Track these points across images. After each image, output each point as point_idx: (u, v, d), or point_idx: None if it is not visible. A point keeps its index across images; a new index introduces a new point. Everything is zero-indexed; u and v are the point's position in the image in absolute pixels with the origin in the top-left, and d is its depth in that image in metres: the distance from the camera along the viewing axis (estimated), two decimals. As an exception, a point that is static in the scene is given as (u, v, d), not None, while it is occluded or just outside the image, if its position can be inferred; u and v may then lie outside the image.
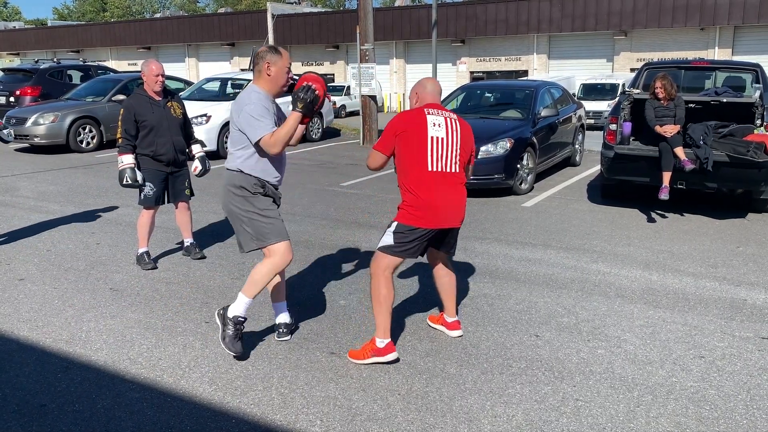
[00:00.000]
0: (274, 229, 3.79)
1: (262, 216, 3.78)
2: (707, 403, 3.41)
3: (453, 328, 4.27)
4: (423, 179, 3.75)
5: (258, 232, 3.78)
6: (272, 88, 3.79)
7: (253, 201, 3.78)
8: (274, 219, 3.81)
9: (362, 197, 8.79)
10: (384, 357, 3.82)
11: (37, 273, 5.52)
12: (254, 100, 3.68)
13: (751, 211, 7.88)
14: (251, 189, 3.77)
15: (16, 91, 15.85)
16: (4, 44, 42.95)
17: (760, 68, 8.80)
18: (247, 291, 3.80)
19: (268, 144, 3.64)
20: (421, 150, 3.75)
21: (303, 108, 3.65)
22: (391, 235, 3.83)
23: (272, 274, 3.81)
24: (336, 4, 61.48)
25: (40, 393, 3.50)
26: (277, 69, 3.74)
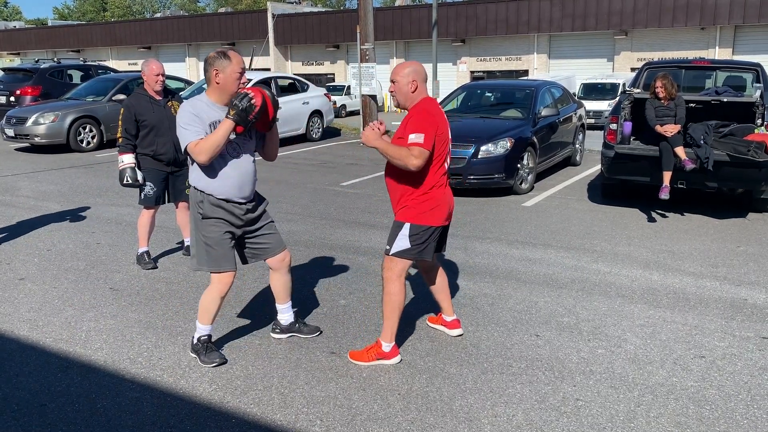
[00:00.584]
0: (212, 258, 3.73)
1: (203, 243, 3.72)
2: (708, 403, 3.41)
3: (453, 326, 4.27)
4: (439, 177, 3.74)
5: (199, 256, 3.77)
6: (220, 97, 3.62)
7: (199, 224, 3.71)
8: (216, 248, 3.71)
9: (362, 197, 8.79)
10: (389, 360, 3.83)
11: (37, 272, 5.52)
12: (185, 109, 3.57)
13: (752, 211, 7.88)
14: (198, 210, 3.68)
15: (17, 91, 15.86)
16: (5, 44, 42.96)
17: (761, 68, 8.80)
18: (200, 318, 3.84)
19: (193, 152, 3.50)
20: (446, 148, 3.73)
21: (234, 115, 3.46)
22: (407, 238, 3.72)
23: (217, 300, 3.80)
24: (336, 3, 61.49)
25: (40, 392, 3.50)
26: (225, 76, 3.56)
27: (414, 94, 3.71)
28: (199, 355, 3.87)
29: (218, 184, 3.66)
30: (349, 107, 25.54)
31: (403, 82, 3.69)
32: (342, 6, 60.37)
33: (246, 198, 3.78)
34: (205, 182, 3.67)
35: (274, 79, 14.52)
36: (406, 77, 3.69)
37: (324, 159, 12.51)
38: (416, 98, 3.72)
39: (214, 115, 3.60)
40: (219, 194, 3.67)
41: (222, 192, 3.67)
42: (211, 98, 3.65)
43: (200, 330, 3.87)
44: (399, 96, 3.74)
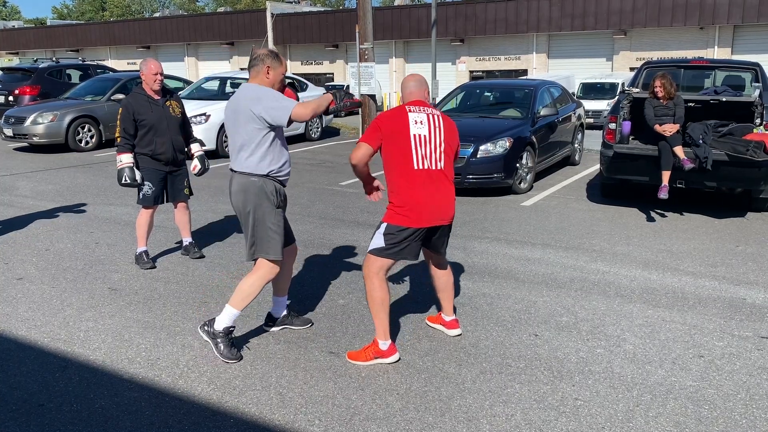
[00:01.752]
0: (277, 246, 3.81)
1: (273, 231, 3.79)
2: (706, 403, 3.41)
3: (451, 327, 4.26)
4: (409, 178, 3.73)
5: (265, 244, 3.80)
6: None
7: (270, 213, 3.79)
8: (281, 236, 3.84)
9: (361, 196, 8.79)
10: (387, 359, 3.82)
11: (35, 272, 5.51)
12: (267, 90, 3.72)
13: (751, 210, 7.88)
14: (271, 199, 3.78)
15: (15, 91, 15.85)
16: (4, 43, 42.92)
17: (760, 67, 8.80)
18: (236, 303, 3.82)
19: (299, 114, 3.64)
20: (406, 149, 3.72)
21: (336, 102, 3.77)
22: (381, 236, 3.77)
23: (262, 287, 3.86)
24: (335, 3, 61.47)
25: (38, 392, 3.49)
26: (275, 75, 3.80)
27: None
28: (218, 345, 3.82)
29: (283, 163, 3.85)
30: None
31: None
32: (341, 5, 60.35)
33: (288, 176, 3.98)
34: (277, 167, 3.80)
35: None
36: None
37: (323, 158, 12.50)
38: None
39: None
40: (284, 174, 3.88)
41: (286, 172, 3.89)
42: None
43: (230, 316, 3.81)
44: None
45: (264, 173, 3.76)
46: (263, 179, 3.76)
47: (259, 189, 3.76)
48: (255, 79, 3.81)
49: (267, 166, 3.76)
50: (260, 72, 3.79)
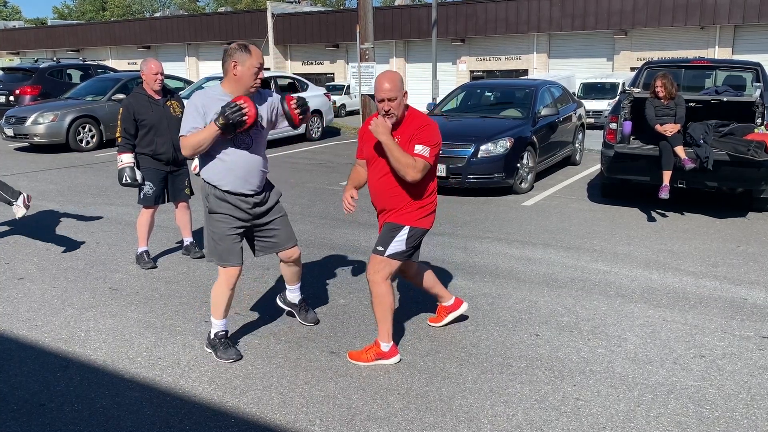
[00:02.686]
0: (218, 252, 3.77)
1: (210, 237, 3.79)
2: (708, 403, 3.40)
3: (458, 305, 4.33)
4: (434, 182, 3.86)
5: (209, 248, 3.84)
6: (236, 89, 3.60)
7: (207, 218, 3.80)
8: (221, 242, 3.75)
9: (362, 196, 8.75)
10: (389, 360, 3.83)
11: (36, 272, 5.51)
12: (192, 101, 3.60)
13: (752, 210, 7.88)
14: (205, 204, 3.76)
15: (16, 90, 15.84)
16: (4, 43, 42.92)
17: (761, 67, 8.79)
18: (214, 313, 3.88)
19: (181, 144, 3.59)
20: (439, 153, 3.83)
21: (222, 125, 3.47)
22: (404, 241, 3.73)
23: (226, 293, 3.83)
24: (336, 3, 61.46)
25: (39, 392, 3.49)
26: (244, 69, 3.56)
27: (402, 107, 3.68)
28: (215, 350, 3.88)
29: (223, 176, 3.69)
30: (348, 107, 25.52)
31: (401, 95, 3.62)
32: (341, 5, 60.35)
33: (253, 190, 3.79)
34: (210, 173, 3.71)
35: (273, 78, 14.50)
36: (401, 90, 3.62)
37: (323, 158, 12.50)
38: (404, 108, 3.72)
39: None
40: (224, 186, 3.70)
41: (226, 184, 3.69)
42: (225, 89, 3.65)
43: (216, 325, 3.89)
44: (398, 111, 3.62)
45: (203, 178, 3.76)
46: (204, 183, 3.77)
47: (203, 194, 3.78)
48: (225, 78, 3.64)
49: (204, 172, 3.74)
50: (228, 69, 3.59)
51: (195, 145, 3.55)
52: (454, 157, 8.62)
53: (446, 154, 8.71)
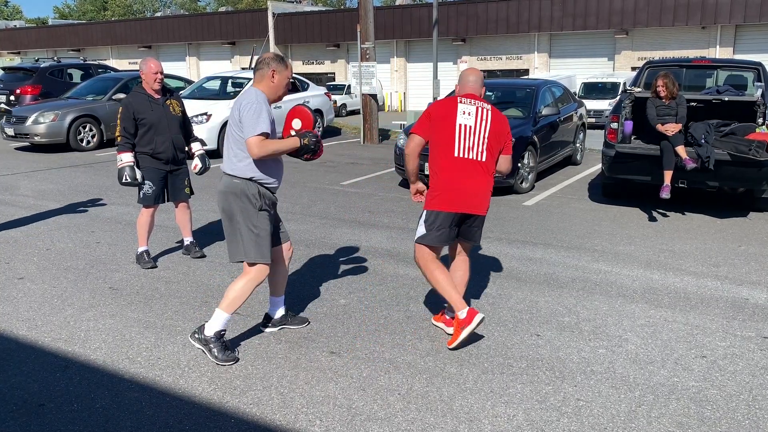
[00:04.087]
0: (260, 249, 3.79)
1: (254, 233, 3.77)
2: (709, 403, 3.39)
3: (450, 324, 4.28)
4: (448, 164, 3.95)
5: (246, 246, 3.79)
6: (271, 95, 3.81)
7: (251, 216, 3.78)
8: (264, 238, 3.81)
9: (362, 196, 8.78)
10: (472, 324, 3.91)
11: (36, 272, 5.51)
12: (259, 100, 3.70)
13: (753, 210, 7.86)
14: (253, 202, 3.76)
15: (17, 90, 15.85)
16: (5, 43, 42.96)
17: (762, 67, 8.77)
18: (227, 307, 3.81)
19: (254, 145, 3.62)
20: (450, 136, 3.94)
21: (303, 145, 3.82)
22: (423, 224, 4.01)
23: (252, 289, 3.84)
24: (337, 2, 61.45)
25: (39, 392, 3.49)
26: (281, 78, 3.79)
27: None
28: (212, 350, 3.81)
29: (273, 173, 3.86)
30: (349, 106, 25.53)
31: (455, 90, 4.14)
32: (342, 5, 60.34)
33: (278, 186, 3.99)
34: (261, 172, 3.78)
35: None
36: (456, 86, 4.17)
37: (324, 158, 12.49)
38: None
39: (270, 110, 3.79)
40: (271, 183, 3.85)
41: (273, 181, 3.87)
42: (265, 93, 3.80)
43: (221, 321, 3.80)
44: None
45: (248, 177, 3.75)
46: (246, 182, 3.76)
47: (242, 191, 3.75)
48: (260, 83, 3.81)
49: (252, 171, 3.75)
50: (265, 76, 3.78)
51: (275, 150, 3.72)
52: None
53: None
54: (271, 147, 3.67)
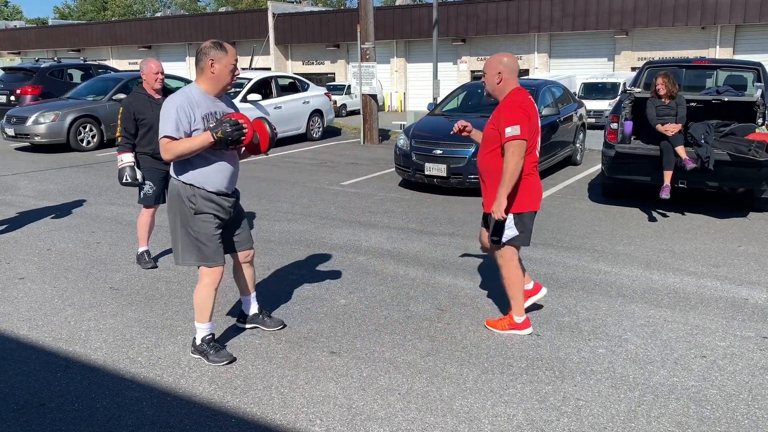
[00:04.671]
0: (201, 252, 3.69)
1: (192, 237, 3.67)
2: (709, 403, 3.40)
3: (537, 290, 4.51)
4: (534, 163, 4.01)
5: (184, 249, 3.72)
6: (214, 87, 3.62)
7: (188, 219, 3.67)
8: (206, 242, 3.68)
9: (363, 196, 8.78)
10: (522, 331, 4.19)
11: (36, 272, 5.51)
12: (176, 100, 3.53)
13: (753, 210, 7.87)
14: (188, 205, 3.64)
15: (17, 90, 15.84)
16: (5, 43, 42.96)
17: (762, 67, 8.78)
18: (199, 318, 3.82)
19: (161, 147, 3.53)
20: (536, 134, 3.99)
21: (219, 139, 3.48)
22: (514, 227, 4.05)
23: (212, 294, 3.79)
24: (337, 3, 61.46)
25: (40, 392, 3.49)
26: (221, 67, 3.56)
27: (500, 86, 3.97)
28: (206, 356, 3.83)
29: (212, 177, 3.66)
30: (349, 107, 25.53)
31: (493, 75, 3.94)
32: (342, 5, 60.35)
33: (232, 190, 3.82)
34: (196, 175, 3.63)
35: (274, 78, 14.50)
36: (493, 68, 3.96)
37: (324, 158, 12.50)
38: (505, 90, 3.97)
39: (207, 106, 3.60)
40: (212, 187, 3.66)
41: (215, 185, 3.67)
42: (204, 88, 3.62)
43: (202, 330, 3.84)
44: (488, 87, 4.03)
45: (183, 180, 3.65)
46: (183, 185, 3.65)
47: (178, 194, 3.66)
48: (200, 77, 3.62)
49: (186, 174, 3.64)
50: (205, 67, 3.57)
51: (183, 152, 3.51)
52: (455, 157, 8.62)
53: (447, 154, 8.72)
54: (179, 149, 3.49)
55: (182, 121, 3.50)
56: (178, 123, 3.50)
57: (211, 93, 3.64)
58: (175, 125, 3.49)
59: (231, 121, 3.49)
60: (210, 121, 3.59)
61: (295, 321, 4.46)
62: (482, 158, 4.11)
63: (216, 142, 3.50)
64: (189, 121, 3.52)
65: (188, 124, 3.52)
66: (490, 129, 3.97)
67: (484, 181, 4.15)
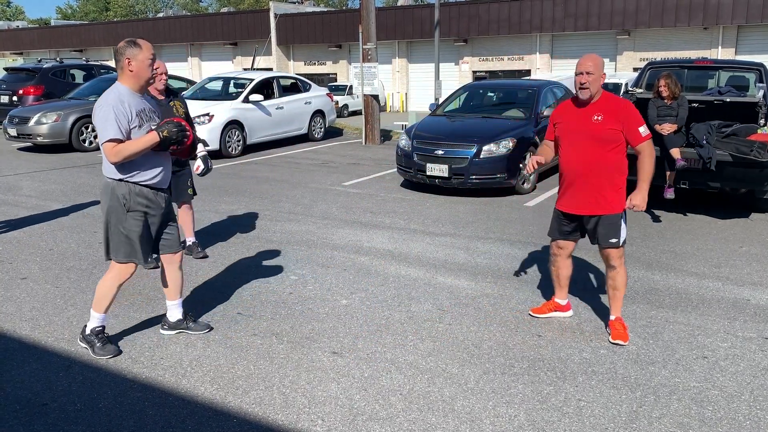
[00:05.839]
0: (128, 250, 3.76)
1: (123, 234, 3.74)
2: (710, 404, 3.40)
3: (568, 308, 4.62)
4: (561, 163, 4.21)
5: (114, 246, 3.78)
6: (136, 84, 3.67)
7: (120, 216, 3.72)
8: (135, 240, 3.75)
9: (364, 197, 8.79)
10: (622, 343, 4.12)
11: (39, 272, 5.52)
12: (108, 101, 3.57)
13: (755, 211, 7.86)
14: (122, 202, 3.69)
15: (19, 91, 15.87)
16: (8, 43, 43.01)
17: (764, 67, 8.76)
18: (96, 306, 3.88)
19: (107, 152, 3.55)
20: None
21: (164, 138, 3.59)
22: (625, 224, 4.11)
23: (116, 288, 3.85)
24: (338, 3, 61.49)
25: (42, 392, 3.50)
26: (138, 64, 3.61)
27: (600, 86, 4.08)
28: (92, 347, 3.89)
29: (146, 171, 3.70)
30: (351, 107, 25.54)
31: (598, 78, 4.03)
32: (344, 6, 60.37)
33: (166, 185, 3.85)
34: (131, 171, 3.67)
35: (276, 78, 14.51)
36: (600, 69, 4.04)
37: (326, 159, 12.50)
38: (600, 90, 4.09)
39: (137, 104, 3.64)
40: (148, 182, 3.71)
41: (151, 179, 3.71)
42: (129, 87, 3.67)
43: (95, 319, 3.89)
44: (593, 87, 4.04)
45: (117, 178, 3.69)
46: (117, 182, 3.70)
47: (112, 191, 3.71)
48: (121, 77, 3.66)
49: (120, 171, 3.67)
50: (123, 67, 3.61)
51: (131, 153, 3.57)
52: (457, 158, 8.63)
53: (449, 154, 8.72)
54: (126, 151, 3.55)
55: (121, 121, 3.55)
56: (118, 124, 3.54)
57: (136, 90, 3.70)
58: (117, 127, 3.53)
59: (174, 123, 3.62)
60: (143, 119, 3.66)
61: (297, 321, 4.47)
62: (596, 157, 4.00)
63: (161, 141, 3.58)
64: (127, 119, 3.57)
65: (127, 122, 3.58)
66: (607, 130, 3.98)
67: (586, 182, 4.05)
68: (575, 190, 4.10)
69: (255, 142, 13.26)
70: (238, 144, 12.71)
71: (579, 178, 4.07)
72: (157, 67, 5.33)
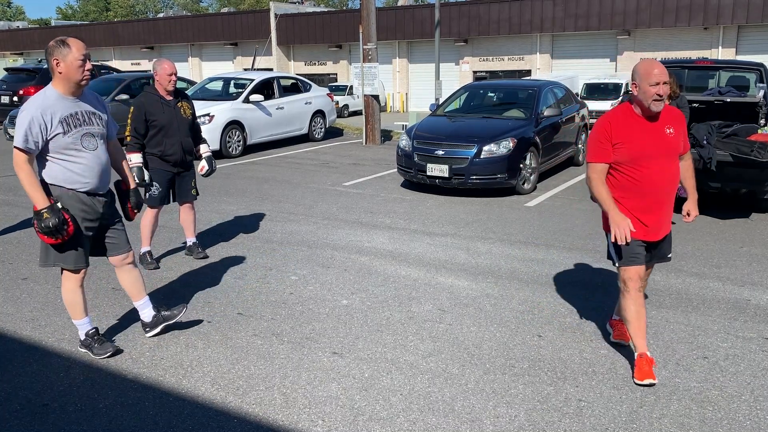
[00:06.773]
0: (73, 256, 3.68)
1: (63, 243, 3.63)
2: (710, 404, 3.40)
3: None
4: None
5: (46, 251, 3.69)
6: (67, 86, 3.52)
7: None
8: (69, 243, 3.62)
9: (365, 197, 8.79)
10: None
11: (39, 272, 5.53)
12: (30, 108, 3.43)
13: (755, 211, 7.86)
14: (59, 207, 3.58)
15: (20, 91, 15.88)
16: (8, 44, 43.04)
17: (764, 68, 8.76)
18: (74, 316, 3.90)
19: (15, 158, 3.44)
20: None
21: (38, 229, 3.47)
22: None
23: (77, 291, 3.81)
24: (339, 3, 61.49)
25: (43, 392, 3.50)
26: (67, 64, 3.44)
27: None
28: (90, 349, 3.91)
29: (80, 177, 3.60)
30: (351, 107, 25.56)
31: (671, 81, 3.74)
32: (344, 6, 60.38)
33: (105, 190, 3.78)
34: (65, 175, 3.57)
35: (276, 79, 14.51)
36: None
37: (326, 159, 12.50)
38: None
39: (65, 109, 3.50)
40: (82, 187, 3.62)
41: (85, 185, 3.62)
42: (60, 90, 3.54)
43: (82, 326, 3.92)
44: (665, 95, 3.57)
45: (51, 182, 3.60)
46: (51, 186, 3.60)
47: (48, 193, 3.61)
48: (54, 79, 3.52)
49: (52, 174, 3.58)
50: (53, 68, 3.46)
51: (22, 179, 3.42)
52: (457, 158, 8.63)
53: (449, 154, 8.73)
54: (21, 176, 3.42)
55: (32, 131, 3.41)
56: (27, 134, 3.41)
57: (68, 93, 3.54)
58: (24, 137, 3.41)
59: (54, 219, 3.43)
60: (71, 125, 3.51)
61: (297, 321, 4.47)
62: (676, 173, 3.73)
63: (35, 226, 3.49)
64: (42, 129, 3.43)
65: (40, 133, 3.43)
66: (680, 142, 3.69)
67: (670, 201, 3.75)
68: (662, 213, 3.73)
69: (255, 142, 13.26)
70: (238, 144, 12.72)
71: (667, 199, 3.72)
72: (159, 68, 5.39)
